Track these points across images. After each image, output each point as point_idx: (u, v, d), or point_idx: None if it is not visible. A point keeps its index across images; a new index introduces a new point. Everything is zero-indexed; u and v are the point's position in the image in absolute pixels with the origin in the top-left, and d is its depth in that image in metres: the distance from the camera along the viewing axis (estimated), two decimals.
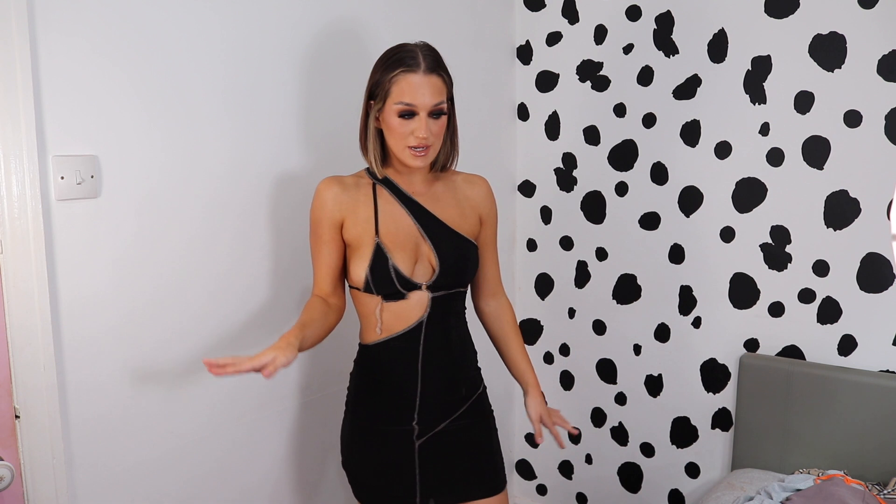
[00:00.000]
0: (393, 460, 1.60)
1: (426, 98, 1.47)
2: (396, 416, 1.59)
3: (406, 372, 1.57)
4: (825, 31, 2.06)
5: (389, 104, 1.48)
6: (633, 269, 2.50)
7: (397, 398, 1.59)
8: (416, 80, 1.46)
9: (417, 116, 1.47)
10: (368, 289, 1.53)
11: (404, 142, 1.49)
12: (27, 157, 1.38)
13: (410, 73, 1.46)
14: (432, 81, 1.47)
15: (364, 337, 1.62)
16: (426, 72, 1.47)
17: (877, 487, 1.99)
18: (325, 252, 1.58)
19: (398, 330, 1.56)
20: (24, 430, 1.44)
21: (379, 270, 1.51)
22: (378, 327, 1.56)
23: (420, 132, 1.47)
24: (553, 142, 2.63)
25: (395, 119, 1.48)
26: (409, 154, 1.50)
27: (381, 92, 1.49)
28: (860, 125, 2.04)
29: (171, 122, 1.63)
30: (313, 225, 1.58)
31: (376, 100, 1.51)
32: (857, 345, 2.12)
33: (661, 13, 2.34)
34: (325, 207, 1.55)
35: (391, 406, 1.59)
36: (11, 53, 1.35)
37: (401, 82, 1.46)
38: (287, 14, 1.86)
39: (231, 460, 1.85)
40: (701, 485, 2.45)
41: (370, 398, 1.61)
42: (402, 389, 1.58)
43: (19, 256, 1.39)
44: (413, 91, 1.46)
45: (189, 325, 1.71)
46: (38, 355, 1.43)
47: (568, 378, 2.71)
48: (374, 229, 1.54)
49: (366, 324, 1.61)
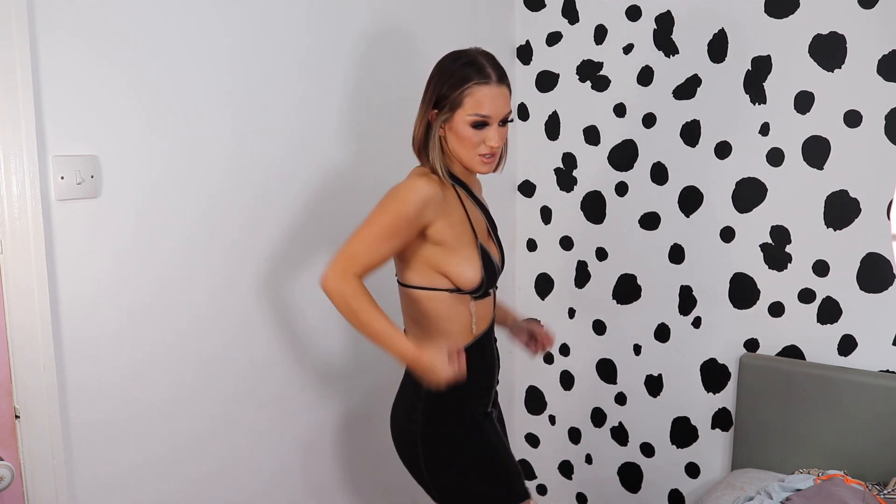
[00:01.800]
0: (503, 445, 1.69)
1: (500, 109, 1.52)
2: (483, 407, 1.67)
3: (489, 367, 1.67)
4: (825, 31, 2.06)
5: (461, 115, 1.51)
6: (633, 269, 2.50)
7: (484, 391, 1.67)
8: (489, 93, 1.50)
9: (489, 126, 1.52)
10: (478, 289, 1.57)
11: (476, 150, 1.53)
12: (27, 157, 1.38)
13: (484, 85, 1.50)
14: (503, 92, 1.53)
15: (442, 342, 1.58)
16: (498, 83, 1.51)
17: (877, 487, 1.99)
18: (390, 244, 1.50)
19: (484, 327, 1.63)
20: (24, 430, 1.44)
21: (489, 271, 1.58)
22: (474, 325, 1.60)
23: (493, 141, 1.52)
24: (553, 142, 2.63)
25: (468, 129, 1.51)
26: (479, 161, 1.55)
27: (451, 104, 1.51)
28: (860, 125, 2.04)
29: (171, 121, 1.63)
30: (393, 215, 1.49)
31: (443, 110, 1.52)
32: (857, 345, 2.12)
33: (661, 13, 2.34)
34: (416, 206, 1.49)
35: (481, 400, 1.67)
36: (11, 53, 1.35)
37: (476, 94, 1.49)
38: (287, 14, 1.86)
39: (232, 461, 1.84)
40: (701, 485, 2.45)
41: (467, 402, 1.63)
42: (487, 383, 1.67)
43: (19, 256, 1.39)
44: (489, 103, 1.50)
45: (189, 324, 1.71)
46: (38, 355, 1.43)
47: (568, 378, 2.71)
48: (471, 231, 1.58)
49: (444, 328, 1.59)
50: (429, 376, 1.47)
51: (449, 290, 1.56)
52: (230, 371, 1.81)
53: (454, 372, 1.46)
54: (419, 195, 1.49)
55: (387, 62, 2.14)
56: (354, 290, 1.48)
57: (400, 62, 2.18)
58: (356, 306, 1.48)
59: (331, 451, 2.11)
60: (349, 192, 2.05)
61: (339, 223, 1.96)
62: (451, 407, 1.61)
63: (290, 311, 1.95)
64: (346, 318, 1.51)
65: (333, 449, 2.12)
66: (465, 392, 1.60)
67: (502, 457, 1.66)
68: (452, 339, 1.59)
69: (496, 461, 1.64)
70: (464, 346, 1.59)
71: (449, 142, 1.55)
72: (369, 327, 1.48)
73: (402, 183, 1.55)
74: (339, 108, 2.02)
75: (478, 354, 1.62)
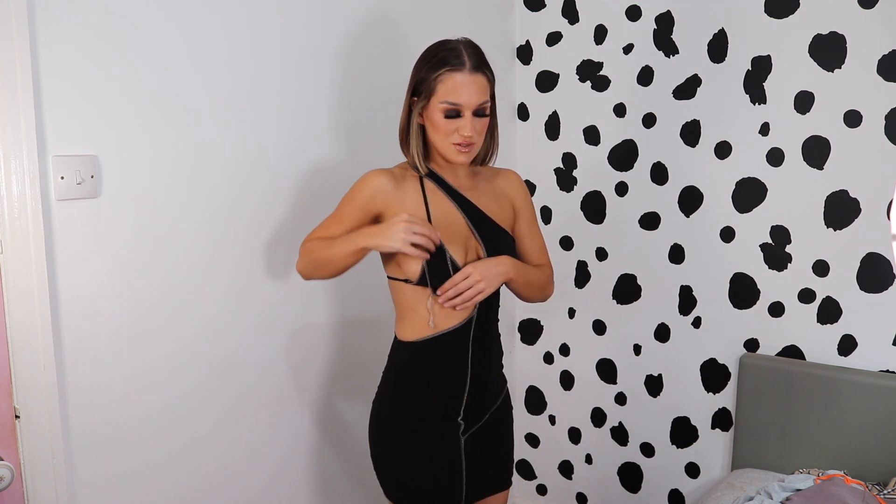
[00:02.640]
0: (443, 458, 1.60)
1: (472, 97, 1.49)
2: (443, 413, 1.59)
3: (456, 368, 1.58)
4: (825, 31, 2.06)
5: (434, 102, 1.50)
6: (633, 269, 2.50)
7: (445, 395, 1.59)
8: (461, 80, 1.48)
9: (463, 115, 1.50)
10: (423, 281, 1.52)
11: (449, 139, 1.52)
12: (27, 157, 1.38)
13: (456, 72, 1.48)
14: (477, 81, 1.50)
15: (406, 333, 1.59)
16: (471, 71, 1.49)
17: (877, 487, 1.99)
18: (341, 227, 1.56)
19: (450, 325, 1.56)
20: (24, 430, 1.44)
21: (436, 263, 1.51)
22: (431, 321, 1.56)
23: (465, 131, 1.50)
24: (553, 142, 2.63)
25: (441, 117, 1.50)
26: (453, 150, 1.53)
27: (426, 90, 1.50)
28: (860, 125, 2.04)
29: (171, 121, 1.63)
30: (344, 204, 1.57)
31: (420, 97, 1.52)
32: (857, 345, 2.12)
33: (661, 13, 2.34)
34: (363, 195, 1.55)
35: (438, 403, 1.59)
36: (11, 53, 1.35)
37: (447, 81, 1.48)
38: (287, 13, 1.86)
39: (232, 462, 1.84)
40: (701, 485, 2.45)
41: (415, 397, 1.59)
42: (451, 386, 1.58)
43: (19, 256, 1.39)
44: (459, 91, 1.48)
45: (189, 324, 1.71)
46: (38, 355, 1.43)
47: (568, 378, 2.71)
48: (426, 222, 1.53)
49: (410, 319, 1.58)
50: (383, 239, 1.45)
51: (404, 281, 1.56)
52: (230, 371, 1.81)
53: (411, 234, 1.43)
54: (362, 186, 1.55)
55: (386, 63, 2.14)
56: (310, 247, 1.57)
57: (400, 62, 2.17)
58: (318, 253, 1.54)
59: (331, 451, 2.11)
60: None
61: None
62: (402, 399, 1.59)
63: (291, 311, 1.95)
64: (325, 271, 1.56)
65: (334, 450, 2.12)
66: (398, 397, 1.59)
67: (436, 474, 1.60)
68: (405, 333, 1.59)
69: (428, 476, 1.59)
70: (417, 339, 1.57)
71: (427, 130, 1.55)
72: (336, 251, 1.52)
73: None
74: (339, 108, 2.02)
75: (436, 353, 1.57)
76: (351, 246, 1.50)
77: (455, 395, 1.59)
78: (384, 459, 1.63)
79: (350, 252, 1.50)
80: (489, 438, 1.67)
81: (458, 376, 1.59)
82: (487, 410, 1.66)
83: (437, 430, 1.59)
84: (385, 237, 1.45)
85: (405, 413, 1.59)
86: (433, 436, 1.59)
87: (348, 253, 1.51)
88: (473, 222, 1.59)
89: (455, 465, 1.61)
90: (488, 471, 1.68)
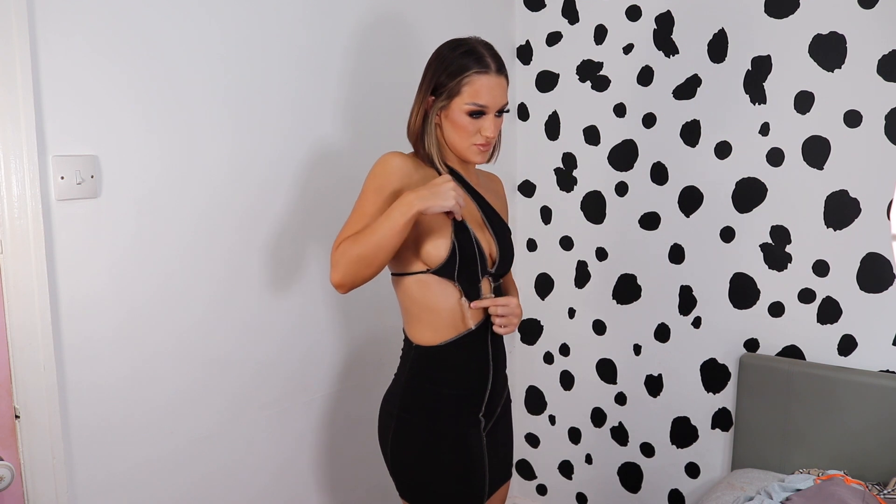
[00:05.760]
0: (469, 457, 1.59)
1: (497, 99, 1.52)
2: (467, 411, 1.59)
3: (480, 366, 1.59)
4: (825, 31, 2.06)
5: (458, 103, 1.51)
6: (633, 269, 2.50)
7: (469, 394, 1.59)
8: (489, 83, 1.50)
9: (486, 116, 1.52)
10: (450, 265, 1.49)
11: (471, 139, 1.53)
12: (27, 157, 1.38)
13: (483, 75, 1.50)
14: (501, 83, 1.52)
15: (426, 337, 1.56)
16: (497, 73, 1.51)
17: (877, 487, 1.99)
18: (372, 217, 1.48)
19: (473, 324, 1.57)
20: (24, 430, 1.44)
21: (464, 246, 1.49)
22: (469, 319, 1.55)
23: (488, 131, 1.52)
24: (553, 142, 2.63)
25: (464, 118, 1.51)
26: (474, 150, 1.55)
27: (447, 91, 1.51)
28: (860, 125, 2.04)
29: (170, 121, 1.63)
30: (369, 193, 1.49)
31: (440, 98, 1.52)
32: (857, 345, 2.12)
33: (661, 13, 2.34)
34: (391, 175, 1.49)
35: (463, 403, 1.58)
36: (11, 53, 1.35)
37: (474, 83, 1.49)
38: (287, 13, 1.86)
39: (232, 462, 1.84)
40: (701, 485, 2.45)
41: (439, 399, 1.57)
42: (475, 385, 1.59)
43: (19, 256, 1.39)
44: (485, 93, 1.50)
45: (189, 324, 1.71)
46: (38, 355, 1.43)
47: (568, 378, 2.71)
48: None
49: (428, 321, 1.55)
50: (438, 199, 1.40)
51: (423, 272, 1.51)
52: (230, 371, 1.81)
53: (459, 193, 1.42)
54: (387, 166, 1.50)
55: (386, 63, 2.14)
56: (344, 249, 1.44)
57: (399, 63, 2.18)
58: (359, 248, 1.42)
59: (331, 452, 2.11)
60: (349, 190, 2.04)
61: (338, 221, 1.95)
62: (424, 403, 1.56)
63: (291, 311, 1.95)
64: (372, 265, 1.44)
65: (334, 450, 2.12)
66: (440, 393, 1.56)
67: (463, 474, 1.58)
68: (426, 338, 1.55)
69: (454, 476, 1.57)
70: (441, 342, 1.54)
71: (444, 130, 1.55)
72: (382, 233, 1.41)
73: None
74: (339, 109, 2.02)
75: (461, 353, 1.56)
76: (401, 218, 1.39)
77: (478, 393, 1.59)
78: (406, 464, 1.59)
79: (403, 225, 1.40)
80: (500, 431, 1.69)
81: (481, 375, 1.59)
82: (500, 405, 1.68)
83: (463, 430, 1.58)
84: (437, 197, 1.40)
85: (429, 416, 1.57)
86: (459, 436, 1.58)
87: (401, 226, 1.40)
88: (486, 216, 1.62)
89: (480, 462, 1.61)
90: (500, 463, 1.70)
